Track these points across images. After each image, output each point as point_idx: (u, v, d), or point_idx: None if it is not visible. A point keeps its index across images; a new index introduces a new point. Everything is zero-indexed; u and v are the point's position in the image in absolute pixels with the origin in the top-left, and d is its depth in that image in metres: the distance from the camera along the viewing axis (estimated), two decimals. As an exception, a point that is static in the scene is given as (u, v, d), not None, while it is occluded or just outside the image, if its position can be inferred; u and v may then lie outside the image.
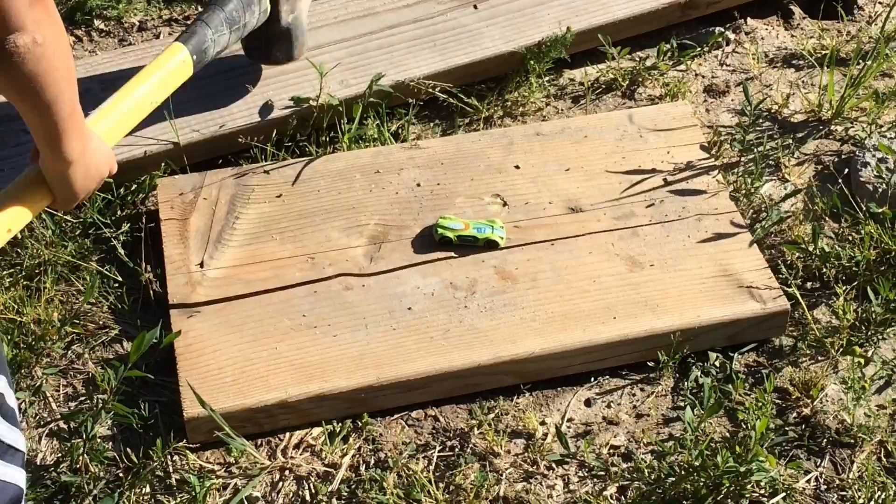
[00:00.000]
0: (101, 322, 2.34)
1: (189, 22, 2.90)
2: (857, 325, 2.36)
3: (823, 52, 2.85)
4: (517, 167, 2.51)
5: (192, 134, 2.54)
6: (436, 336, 2.22)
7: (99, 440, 2.12)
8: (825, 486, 2.14)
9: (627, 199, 2.47)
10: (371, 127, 2.62)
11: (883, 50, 2.71)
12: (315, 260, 2.35)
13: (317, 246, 2.37)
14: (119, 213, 2.50)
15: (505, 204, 2.45)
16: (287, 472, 2.12)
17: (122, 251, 2.41)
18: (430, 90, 2.66)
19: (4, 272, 2.36)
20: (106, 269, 2.40)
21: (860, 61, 2.77)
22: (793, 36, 2.92)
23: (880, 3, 2.99)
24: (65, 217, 2.45)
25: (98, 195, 2.46)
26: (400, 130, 2.66)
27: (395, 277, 2.32)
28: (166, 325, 2.25)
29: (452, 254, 2.36)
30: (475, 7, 2.80)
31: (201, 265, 2.33)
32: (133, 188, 2.52)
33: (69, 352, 2.30)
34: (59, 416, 2.17)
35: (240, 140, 2.53)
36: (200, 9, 2.92)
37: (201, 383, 2.12)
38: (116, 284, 2.39)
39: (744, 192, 2.55)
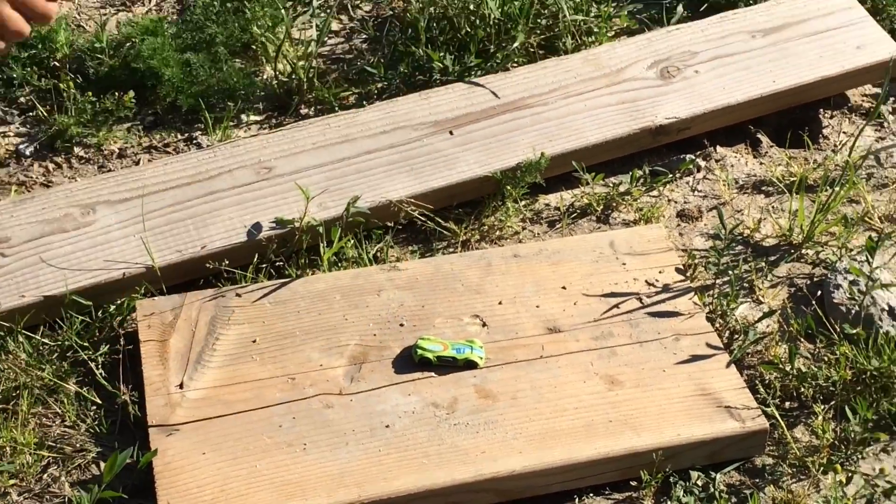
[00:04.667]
0: (78, 445, 2.31)
1: (169, 149, 2.94)
2: (837, 444, 2.37)
3: (792, 179, 2.92)
4: (496, 288, 2.53)
5: (172, 255, 2.55)
6: (416, 454, 2.21)
7: (74, 563, 2.08)
8: None
9: (605, 319, 2.49)
10: (350, 249, 2.64)
11: (850, 177, 2.77)
12: (296, 380, 2.34)
13: (297, 367, 2.37)
14: (97, 335, 2.49)
15: (484, 324, 2.47)
16: None
17: (100, 373, 2.40)
18: (409, 213, 2.69)
19: (-20, 393, 2.34)
20: (84, 391, 2.38)
21: (828, 188, 2.83)
22: (761, 163, 2.99)
23: (844, 132, 3.07)
24: (42, 340, 2.44)
25: (76, 318, 2.46)
26: (379, 253, 2.68)
27: (376, 396, 2.31)
28: (145, 446, 2.23)
29: (432, 374, 2.36)
30: (451, 133, 2.85)
31: (181, 386, 2.32)
32: (111, 310, 2.52)
33: (45, 475, 2.26)
34: (34, 539, 2.13)
35: (223, 263, 2.54)
36: (180, 136, 2.97)
37: (180, 502, 2.09)
38: (94, 407, 2.37)
39: (720, 313, 2.58)
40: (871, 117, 2.77)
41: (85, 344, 2.44)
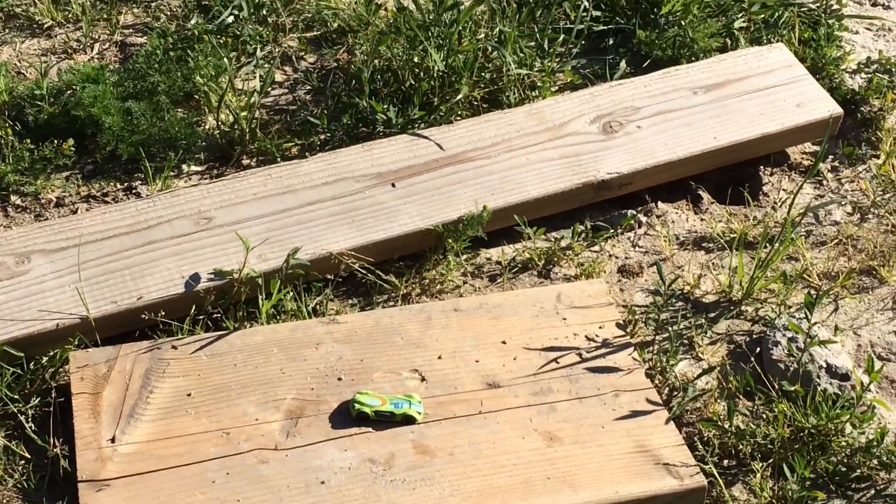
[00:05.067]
0: (4, 501, 2.26)
1: (108, 198, 2.91)
2: (775, 502, 2.37)
3: (732, 236, 2.93)
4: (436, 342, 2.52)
5: (108, 306, 2.51)
6: (353, 512, 2.18)
7: None
8: None
9: (545, 374, 2.48)
10: (289, 301, 2.62)
11: (789, 234, 2.79)
12: (230, 435, 2.30)
13: (232, 421, 2.33)
14: (28, 387, 2.44)
15: (423, 379, 2.45)
16: None
17: (30, 426, 2.35)
18: (349, 265, 2.67)
19: None
20: (13, 445, 2.33)
21: (767, 245, 2.85)
22: (702, 220, 3.00)
23: (784, 189, 3.10)
24: (-29, 391, 2.40)
25: (7, 369, 2.41)
26: (318, 306, 2.66)
27: (312, 451, 2.28)
28: (74, 503, 2.18)
29: (370, 429, 2.33)
30: (393, 185, 2.84)
31: (113, 440, 2.28)
32: (44, 362, 2.47)
33: (-30, 530, 2.21)
34: None
35: (160, 315, 2.51)
36: (119, 186, 2.94)
37: (109, 561, 2.05)
38: (23, 461, 2.32)
39: (659, 369, 2.58)
40: (809, 175, 2.80)
41: (15, 396, 2.39)
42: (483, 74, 3.21)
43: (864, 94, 3.31)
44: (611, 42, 3.48)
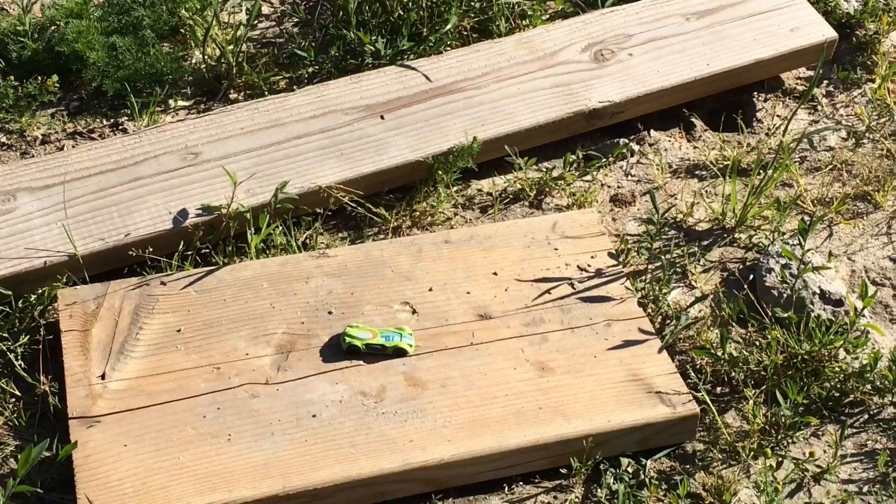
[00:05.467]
0: (-5, 437, 2.26)
1: (94, 135, 2.88)
2: (768, 428, 2.36)
3: (725, 163, 2.90)
4: (426, 274, 2.50)
5: (96, 243, 2.49)
6: (343, 444, 2.18)
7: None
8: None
9: (537, 305, 2.46)
10: (278, 236, 2.60)
11: (784, 160, 2.77)
12: (221, 370, 2.30)
13: (223, 356, 2.32)
14: (17, 325, 2.43)
15: (414, 311, 2.43)
16: (189, 589, 2.04)
17: (19, 364, 2.35)
18: (339, 198, 2.65)
19: None
20: (2, 383, 2.32)
21: (761, 171, 2.82)
22: (695, 147, 2.97)
23: (778, 115, 3.07)
24: (-40, 330, 2.39)
25: (-4, 308, 2.40)
26: (308, 240, 2.64)
27: (303, 385, 2.28)
28: (65, 439, 2.18)
29: (361, 362, 2.33)
30: (382, 117, 2.81)
31: (103, 377, 2.27)
32: (32, 300, 2.46)
33: (-39, 468, 2.21)
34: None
35: (148, 251, 2.49)
36: (106, 122, 2.91)
37: (100, 495, 2.05)
38: (13, 399, 2.32)
39: (652, 298, 2.56)
40: (803, 100, 2.76)
41: (4, 335, 2.38)
42: (472, 3, 3.16)
43: (859, 17, 3.26)
44: (602, -31, 3.42)
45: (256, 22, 3.20)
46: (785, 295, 2.56)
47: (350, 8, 3.05)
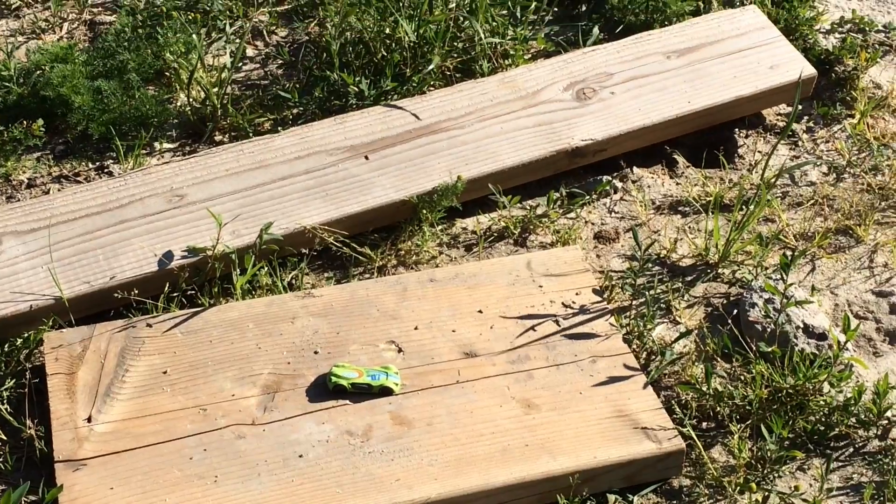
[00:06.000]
0: (-19, 482, 2.26)
1: (80, 178, 2.89)
2: (753, 463, 2.37)
3: (708, 199, 2.93)
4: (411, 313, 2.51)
5: (82, 286, 2.50)
6: (330, 484, 2.18)
7: None
8: None
9: (522, 342, 2.47)
10: (264, 277, 2.61)
11: (764, 196, 2.79)
12: (207, 411, 2.30)
13: (209, 397, 2.32)
14: (3, 369, 2.43)
15: (400, 350, 2.44)
16: None
17: (5, 408, 2.34)
18: (324, 239, 2.66)
19: None
20: (-12, 427, 2.33)
21: (743, 207, 2.84)
22: (678, 184, 3.00)
23: (759, 151, 3.09)
24: (-54, 374, 2.39)
25: (-18, 352, 2.40)
26: (294, 281, 2.65)
27: (289, 425, 2.28)
28: (52, 483, 2.17)
29: (347, 401, 2.33)
30: (366, 158, 2.83)
31: (89, 420, 2.27)
32: (18, 343, 2.46)
33: (-53, 514, 2.20)
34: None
35: (133, 293, 2.49)
36: (91, 165, 2.92)
37: (86, 540, 2.04)
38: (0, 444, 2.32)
39: (637, 334, 2.57)
40: (782, 135, 2.78)
41: (-10, 379, 2.39)
42: (455, 44, 3.19)
43: (838, 53, 3.30)
44: (583, 8, 3.46)
45: (241, 64, 3.22)
46: (769, 329, 2.58)
47: (333, 49, 3.07)
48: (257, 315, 2.49)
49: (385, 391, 2.34)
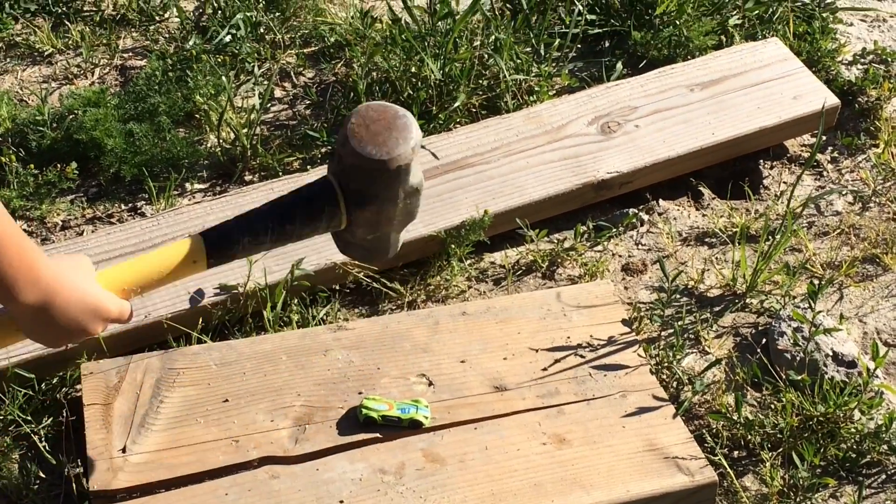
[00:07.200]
0: (20, 519, 2.28)
1: (113, 219, 2.94)
2: (786, 491, 2.38)
3: (734, 230, 2.94)
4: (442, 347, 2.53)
5: (116, 325, 2.53)
6: (365, 520, 2.19)
7: None
8: None
9: (552, 376, 2.49)
10: (295, 314, 2.63)
11: (790, 226, 2.80)
12: (239, 443, 2.32)
13: (241, 429, 2.35)
14: (40, 407, 2.46)
15: (430, 383, 2.46)
16: None
17: (43, 446, 2.37)
18: (354, 275, 2.69)
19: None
20: (28, 465, 2.35)
21: (769, 237, 2.86)
22: (704, 215, 3.02)
23: (784, 182, 3.11)
24: (-16, 414, 2.42)
25: (19, 391, 2.43)
26: (325, 316, 2.68)
27: (323, 464, 2.29)
28: (88, 518, 2.20)
29: (378, 434, 2.34)
30: (395, 194, 2.86)
31: (123, 450, 2.29)
32: (54, 382, 2.49)
33: (-13, 551, 2.23)
34: None
35: (164, 325, 2.53)
36: (124, 206, 2.96)
37: (124, 574, 2.06)
38: (38, 481, 2.34)
39: (665, 365, 2.59)
40: (806, 165, 2.80)
41: (27, 417, 2.41)
42: (480, 81, 3.23)
43: (860, 84, 3.32)
44: (606, 45, 3.50)
45: (269, 105, 3.27)
46: (798, 357, 2.59)
47: (360, 89, 3.12)
48: (290, 347, 2.51)
49: (414, 424, 2.36)
